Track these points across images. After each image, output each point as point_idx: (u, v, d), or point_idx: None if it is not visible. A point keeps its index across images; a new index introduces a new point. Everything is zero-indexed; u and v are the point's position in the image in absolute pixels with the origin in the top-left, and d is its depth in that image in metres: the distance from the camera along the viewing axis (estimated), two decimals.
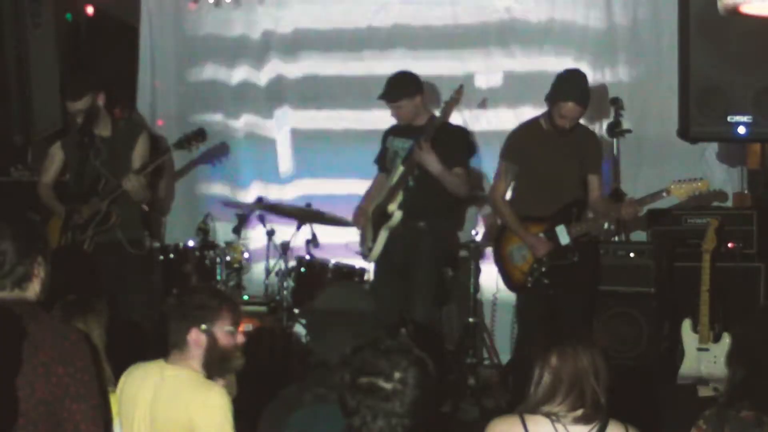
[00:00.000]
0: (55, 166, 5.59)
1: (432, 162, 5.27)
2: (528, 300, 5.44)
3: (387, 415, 2.33)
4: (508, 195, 5.49)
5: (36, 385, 2.53)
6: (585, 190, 5.42)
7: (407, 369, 2.36)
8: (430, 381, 2.39)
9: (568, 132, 5.26)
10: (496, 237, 5.64)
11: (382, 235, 5.46)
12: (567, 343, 2.95)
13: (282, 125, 7.08)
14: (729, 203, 6.31)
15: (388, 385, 2.34)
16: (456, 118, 5.92)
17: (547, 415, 2.89)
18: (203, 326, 3.23)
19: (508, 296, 5.89)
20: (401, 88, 5.43)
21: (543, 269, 5.29)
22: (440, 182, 5.33)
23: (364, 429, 2.34)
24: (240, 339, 3.32)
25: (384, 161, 5.66)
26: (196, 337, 3.22)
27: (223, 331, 3.26)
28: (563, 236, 5.25)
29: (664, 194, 5.21)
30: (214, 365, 3.25)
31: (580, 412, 2.89)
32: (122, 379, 3.35)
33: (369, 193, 5.71)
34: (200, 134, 5.68)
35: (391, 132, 5.65)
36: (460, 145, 5.49)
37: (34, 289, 2.70)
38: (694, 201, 5.98)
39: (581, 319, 5.26)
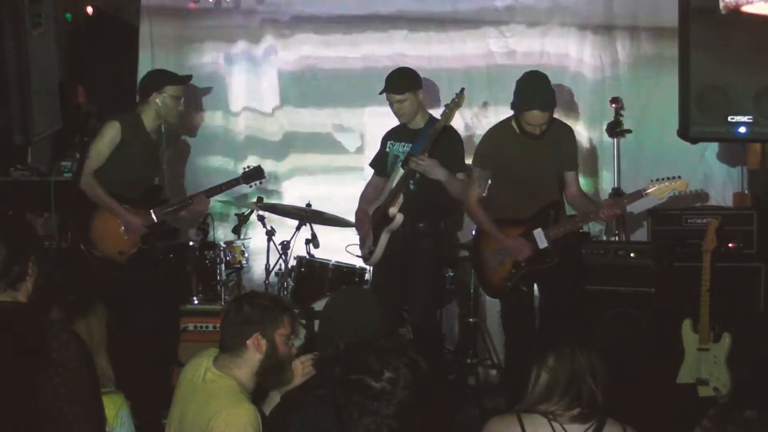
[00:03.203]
0: (105, 156, 5.41)
1: (437, 170, 5.26)
2: (511, 305, 5.34)
3: (373, 413, 2.31)
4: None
5: (27, 387, 2.52)
6: (562, 189, 5.34)
7: (398, 370, 2.33)
8: (423, 384, 2.36)
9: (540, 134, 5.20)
10: (473, 242, 5.56)
11: (383, 238, 5.46)
12: (564, 343, 2.95)
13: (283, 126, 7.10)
14: (729, 203, 6.30)
15: (376, 384, 2.32)
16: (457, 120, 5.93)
17: (544, 413, 2.90)
18: (265, 331, 3.20)
19: None
20: (404, 81, 5.44)
21: (521, 273, 5.21)
22: (442, 185, 5.33)
23: (351, 425, 2.33)
24: (294, 350, 3.30)
25: (382, 164, 5.67)
26: (257, 343, 3.20)
27: (282, 338, 3.24)
28: (541, 240, 5.15)
29: (643, 194, 5.12)
30: (270, 373, 3.23)
31: (576, 411, 2.89)
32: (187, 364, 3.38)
33: (366, 196, 5.70)
34: (260, 172, 5.86)
35: (390, 136, 5.65)
36: (458, 148, 5.49)
37: (26, 289, 2.69)
38: (685, 201, 5.98)
39: (569, 320, 5.22)
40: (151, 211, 5.45)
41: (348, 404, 2.33)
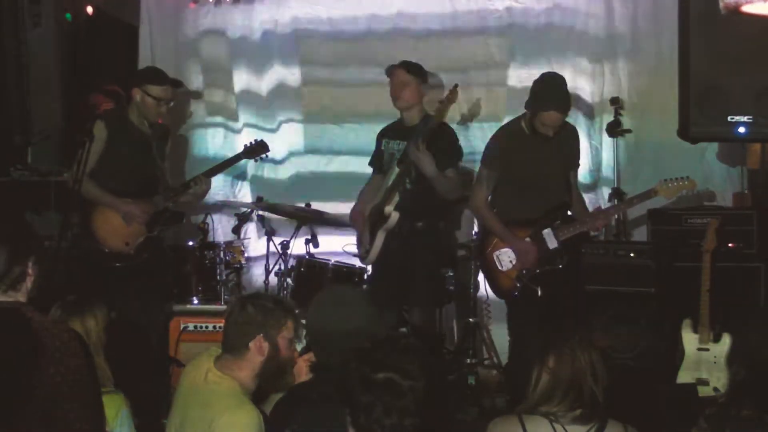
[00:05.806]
0: (97, 155, 5.30)
1: (428, 164, 5.27)
2: (518, 306, 5.36)
3: (399, 411, 2.33)
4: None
5: (28, 386, 2.52)
6: (569, 190, 5.42)
7: (421, 368, 2.38)
8: (435, 382, 2.40)
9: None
10: (480, 244, 5.58)
11: (380, 237, 5.47)
12: (564, 344, 2.95)
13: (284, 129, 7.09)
14: (729, 203, 6.30)
15: (405, 383, 2.34)
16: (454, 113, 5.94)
17: (546, 415, 2.89)
18: (268, 333, 3.19)
19: None
20: (416, 67, 5.53)
21: (532, 275, 5.24)
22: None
23: (375, 425, 2.34)
24: (296, 354, 3.29)
25: (379, 163, 5.68)
26: (260, 345, 3.18)
27: (285, 341, 3.23)
28: (551, 240, 5.23)
29: (653, 194, 5.26)
30: (271, 376, 3.22)
31: (578, 412, 2.89)
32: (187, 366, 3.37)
33: (364, 195, 5.71)
34: (264, 146, 5.80)
35: (386, 134, 5.67)
36: (451, 146, 5.50)
37: (27, 290, 2.70)
38: (687, 201, 5.98)
39: (574, 320, 5.24)
40: (153, 199, 5.45)
41: (374, 403, 2.33)
